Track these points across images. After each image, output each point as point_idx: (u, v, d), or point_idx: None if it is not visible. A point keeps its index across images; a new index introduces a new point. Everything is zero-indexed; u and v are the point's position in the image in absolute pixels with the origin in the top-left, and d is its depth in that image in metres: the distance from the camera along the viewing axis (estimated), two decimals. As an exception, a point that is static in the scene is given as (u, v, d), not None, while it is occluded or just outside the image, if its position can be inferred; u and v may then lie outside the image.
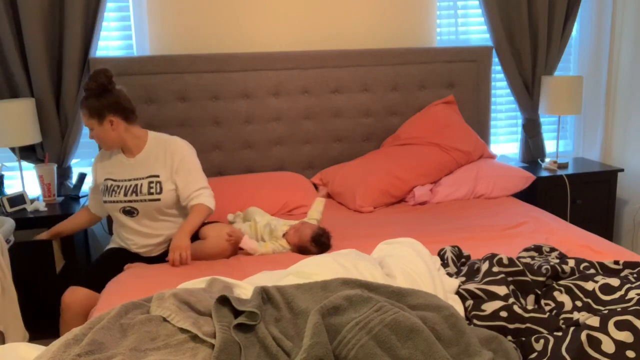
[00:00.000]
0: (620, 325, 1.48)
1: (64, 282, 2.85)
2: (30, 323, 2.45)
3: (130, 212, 2.50)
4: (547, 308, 1.79)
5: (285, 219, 2.92)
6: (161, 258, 2.51)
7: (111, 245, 2.64)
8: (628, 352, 1.44)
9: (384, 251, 2.09)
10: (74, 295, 2.39)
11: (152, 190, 2.47)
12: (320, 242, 2.48)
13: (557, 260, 2.03)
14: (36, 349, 1.48)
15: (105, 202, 2.52)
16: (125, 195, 2.47)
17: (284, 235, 2.55)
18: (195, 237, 2.50)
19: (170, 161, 2.50)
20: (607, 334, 1.47)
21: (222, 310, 1.53)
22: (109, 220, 3.16)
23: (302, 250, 2.49)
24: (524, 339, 1.59)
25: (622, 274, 1.94)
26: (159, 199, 2.47)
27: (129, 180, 2.49)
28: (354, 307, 1.49)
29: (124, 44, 3.27)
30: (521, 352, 1.54)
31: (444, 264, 2.08)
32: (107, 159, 2.56)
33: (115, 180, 2.50)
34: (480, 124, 3.59)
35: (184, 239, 2.39)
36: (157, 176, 2.49)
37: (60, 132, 3.10)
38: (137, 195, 2.47)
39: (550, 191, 3.39)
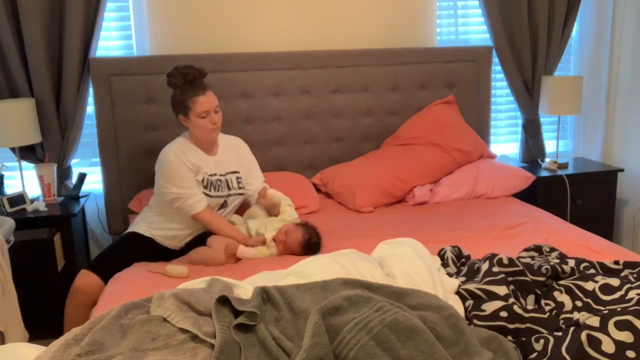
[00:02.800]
0: (620, 325, 1.48)
1: (64, 282, 2.86)
2: (30, 323, 2.45)
3: (223, 206, 2.61)
4: (547, 308, 1.79)
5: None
6: (180, 252, 2.57)
7: (136, 230, 2.60)
8: (628, 352, 1.44)
9: (384, 251, 2.09)
10: (86, 280, 2.41)
11: (240, 185, 2.65)
12: (310, 245, 2.46)
13: (557, 260, 2.03)
14: (36, 349, 1.48)
15: (210, 196, 2.54)
16: (228, 189, 2.60)
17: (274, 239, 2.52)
18: (203, 242, 2.53)
19: (242, 159, 2.70)
20: (607, 334, 1.47)
21: (222, 311, 1.53)
22: (110, 219, 3.17)
23: (296, 253, 2.47)
24: (524, 339, 1.59)
25: (622, 274, 1.94)
26: (244, 193, 2.67)
27: (224, 175, 2.61)
28: (354, 307, 1.49)
29: (124, 44, 3.27)
30: (521, 352, 1.54)
31: (444, 264, 2.08)
32: (191, 156, 2.52)
33: (213, 175, 2.57)
34: (480, 124, 3.59)
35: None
36: (238, 172, 2.66)
37: (60, 132, 3.10)
38: (230, 189, 2.60)
39: (550, 191, 3.39)
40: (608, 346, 1.45)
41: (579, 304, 1.76)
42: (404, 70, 3.43)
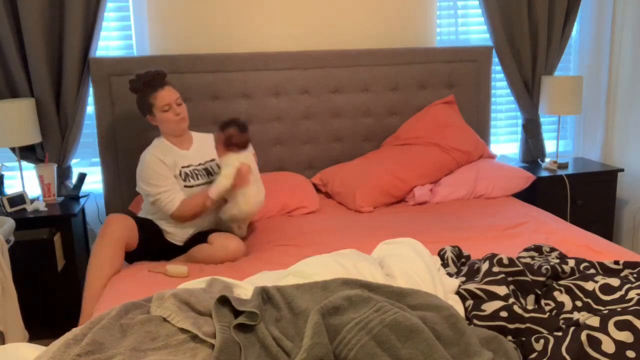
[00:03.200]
0: (620, 325, 1.48)
1: (64, 282, 2.87)
2: (30, 323, 2.45)
3: None
4: (547, 308, 1.79)
5: (284, 218, 2.92)
6: (182, 249, 2.59)
7: (149, 217, 2.66)
8: (628, 352, 1.44)
9: (384, 251, 2.09)
10: (120, 219, 2.45)
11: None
12: (231, 124, 2.56)
13: (557, 260, 2.03)
14: (36, 349, 1.48)
15: (189, 187, 2.59)
16: (209, 175, 2.65)
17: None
18: (204, 240, 2.54)
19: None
20: (607, 334, 1.47)
21: (222, 311, 1.53)
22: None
23: (231, 144, 2.55)
24: (524, 339, 1.59)
25: (622, 274, 1.94)
26: None
27: (202, 164, 2.66)
28: (354, 307, 1.49)
29: (124, 44, 3.27)
30: (521, 352, 1.54)
31: (444, 264, 2.08)
32: (167, 154, 2.60)
33: (188, 167, 2.61)
34: (480, 124, 3.59)
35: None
36: (215, 159, 2.68)
37: (60, 132, 3.10)
38: (211, 175, 2.65)
39: (550, 191, 3.39)
40: (608, 346, 1.45)
41: (579, 304, 1.76)
42: (404, 70, 3.43)
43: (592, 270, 1.95)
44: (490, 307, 1.70)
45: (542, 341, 1.54)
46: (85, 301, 2.34)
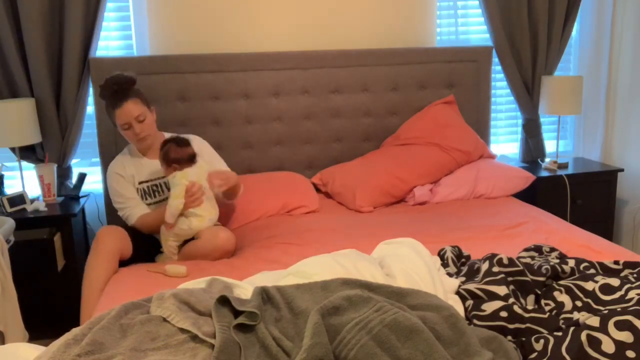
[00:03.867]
0: (620, 325, 1.48)
1: (64, 282, 2.87)
2: (30, 323, 2.45)
3: None
4: (547, 308, 1.79)
5: (284, 218, 2.92)
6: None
7: None
8: (628, 352, 1.44)
9: (384, 251, 2.09)
10: (110, 230, 2.46)
11: None
12: (168, 141, 2.51)
13: (557, 260, 2.03)
14: (36, 349, 1.48)
15: (149, 204, 2.58)
16: (168, 190, 2.56)
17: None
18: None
19: (200, 156, 2.60)
20: (607, 334, 1.47)
21: (222, 311, 1.53)
22: (110, 219, 3.17)
23: (171, 161, 2.49)
24: (524, 339, 1.59)
25: (622, 274, 1.93)
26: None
27: (162, 178, 2.61)
28: (354, 307, 1.49)
29: (124, 44, 3.27)
30: (521, 352, 1.54)
31: (444, 264, 2.08)
32: (128, 167, 2.59)
33: (144, 182, 2.59)
34: (480, 124, 3.59)
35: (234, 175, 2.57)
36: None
37: (60, 132, 3.10)
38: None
39: (550, 191, 3.39)
40: (608, 346, 1.45)
41: (579, 304, 1.76)
42: (404, 70, 3.43)
43: (592, 270, 1.95)
44: (490, 307, 1.70)
45: (542, 341, 1.54)
46: (82, 316, 2.36)
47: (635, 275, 1.90)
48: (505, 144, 3.90)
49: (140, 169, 2.61)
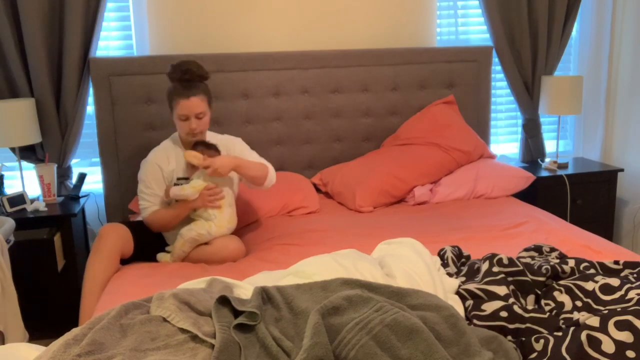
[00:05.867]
0: (620, 325, 1.48)
1: (64, 282, 2.87)
2: (30, 323, 2.45)
3: None
4: (547, 308, 1.79)
5: (284, 218, 2.92)
6: None
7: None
8: (628, 352, 1.44)
9: (384, 251, 2.09)
10: (113, 228, 2.46)
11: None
12: (198, 144, 2.54)
13: (557, 260, 2.03)
14: (36, 349, 1.48)
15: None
16: None
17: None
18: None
19: (232, 153, 2.63)
20: (607, 334, 1.47)
21: (222, 311, 1.53)
22: (110, 219, 3.16)
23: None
24: (524, 339, 1.59)
25: (622, 274, 1.94)
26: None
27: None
28: (354, 307, 1.49)
29: (124, 44, 3.27)
30: (521, 352, 1.54)
31: (444, 264, 2.08)
32: (172, 160, 2.58)
33: (187, 179, 2.57)
34: (480, 124, 3.59)
35: (228, 158, 2.50)
36: None
37: (60, 132, 3.10)
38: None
39: (550, 191, 3.39)
40: (608, 346, 1.45)
41: (579, 304, 1.76)
42: (404, 70, 3.43)
43: (592, 270, 1.95)
44: (490, 307, 1.70)
45: (542, 341, 1.54)
46: (81, 314, 2.35)
47: (635, 275, 1.90)
48: (505, 144, 3.90)
49: (181, 163, 2.60)
